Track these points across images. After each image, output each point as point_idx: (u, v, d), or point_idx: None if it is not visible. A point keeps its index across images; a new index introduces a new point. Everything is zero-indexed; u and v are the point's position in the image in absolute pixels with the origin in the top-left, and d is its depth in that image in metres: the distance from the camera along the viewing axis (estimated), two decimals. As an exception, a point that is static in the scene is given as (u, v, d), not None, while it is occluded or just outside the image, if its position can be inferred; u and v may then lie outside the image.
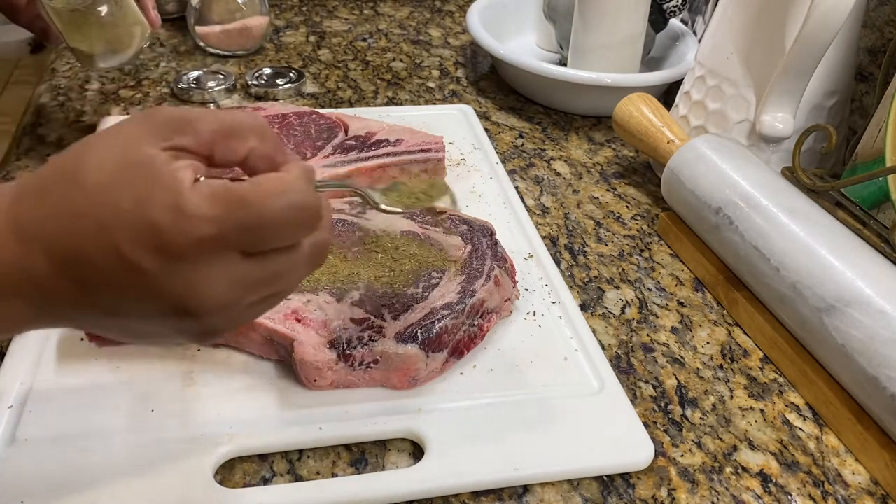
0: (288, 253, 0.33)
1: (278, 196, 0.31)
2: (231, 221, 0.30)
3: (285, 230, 0.32)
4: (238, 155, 0.33)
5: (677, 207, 0.62)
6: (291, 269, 0.34)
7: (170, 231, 0.30)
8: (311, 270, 0.35)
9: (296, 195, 0.32)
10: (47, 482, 0.40)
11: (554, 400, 0.46)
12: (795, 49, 0.55)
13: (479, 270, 0.51)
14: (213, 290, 0.31)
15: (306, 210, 0.32)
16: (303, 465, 0.43)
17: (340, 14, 1.06)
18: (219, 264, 0.31)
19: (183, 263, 0.30)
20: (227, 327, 0.34)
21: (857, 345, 0.45)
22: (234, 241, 0.31)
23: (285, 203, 0.31)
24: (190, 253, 0.30)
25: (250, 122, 0.34)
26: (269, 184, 0.32)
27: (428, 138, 0.67)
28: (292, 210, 0.32)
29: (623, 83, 0.76)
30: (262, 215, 0.31)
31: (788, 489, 0.44)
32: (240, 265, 0.32)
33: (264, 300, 0.34)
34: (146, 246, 0.30)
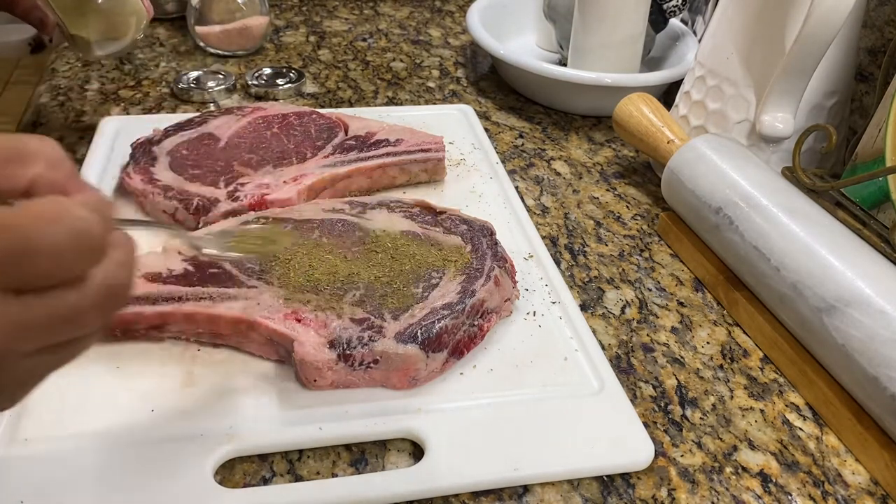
0: (70, 291, 0.27)
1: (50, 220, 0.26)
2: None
3: (58, 260, 0.26)
4: (20, 182, 0.28)
5: (677, 207, 0.62)
6: (78, 312, 0.28)
7: None
8: (106, 314, 0.29)
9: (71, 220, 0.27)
10: (47, 482, 0.40)
11: (554, 400, 0.46)
12: (795, 49, 0.55)
13: (479, 270, 0.51)
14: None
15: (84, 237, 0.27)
16: (303, 465, 0.43)
17: (340, 14, 1.06)
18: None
19: None
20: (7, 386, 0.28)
21: (857, 345, 0.45)
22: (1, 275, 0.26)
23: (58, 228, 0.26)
24: None
25: (38, 146, 0.29)
26: (39, 206, 0.26)
27: (428, 138, 0.67)
28: (66, 236, 0.26)
29: (623, 83, 0.76)
30: (29, 241, 0.25)
31: (788, 489, 0.44)
32: (11, 306, 0.26)
33: (54, 350, 0.28)
34: None
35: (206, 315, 0.47)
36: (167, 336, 0.49)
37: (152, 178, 0.59)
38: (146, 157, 0.62)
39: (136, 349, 0.48)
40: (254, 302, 0.47)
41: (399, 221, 0.55)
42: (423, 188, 0.66)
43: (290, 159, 0.63)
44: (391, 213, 0.56)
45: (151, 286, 0.48)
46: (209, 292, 0.48)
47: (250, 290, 0.48)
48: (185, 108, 0.79)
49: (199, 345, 0.49)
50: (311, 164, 0.63)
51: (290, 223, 0.55)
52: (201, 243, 0.39)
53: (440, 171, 0.66)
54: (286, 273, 0.50)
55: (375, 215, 0.56)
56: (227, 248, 0.41)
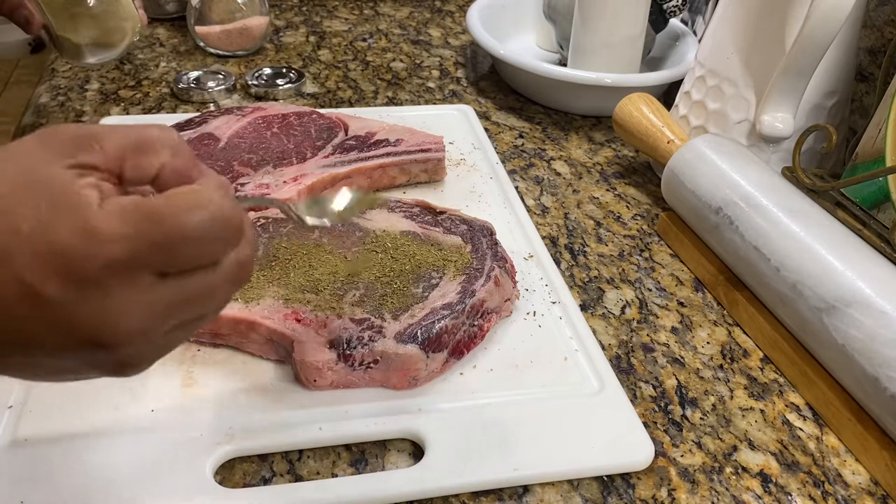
0: (208, 272, 0.30)
1: (194, 209, 0.29)
2: (144, 239, 0.28)
3: (203, 246, 0.29)
4: (149, 171, 0.31)
5: (677, 207, 0.62)
6: (213, 290, 0.31)
7: (77, 255, 0.27)
8: (236, 290, 0.32)
9: (213, 208, 0.29)
10: (47, 482, 0.40)
11: (554, 400, 0.46)
12: (795, 49, 0.55)
13: (479, 270, 0.51)
14: (128, 318, 0.28)
15: (225, 223, 0.30)
16: (303, 465, 0.43)
17: (340, 14, 1.06)
18: (133, 288, 0.28)
19: (93, 290, 0.27)
20: (147, 358, 0.31)
21: (857, 345, 0.45)
22: (149, 262, 0.28)
23: (202, 216, 0.29)
24: (101, 278, 0.27)
25: (162, 136, 0.31)
26: (182, 197, 0.29)
27: (428, 138, 0.67)
28: (210, 224, 0.29)
29: (623, 83, 0.76)
30: (178, 231, 0.28)
31: (788, 489, 0.44)
32: (156, 287, 0.29)
33: (186, 324, 0.31)
34: (51, 272, 0.27)
35: (206, 315, 0.47)
36: (167, 336, 0.49)
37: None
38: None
39: (136, 349, 0.48)
40: (254, 302, 0.47)
41: (399, 221, 0.55)
42: (423, 188, 0.66)
43: (290, 159, 0.63)
44: (391, 213, 0.56)
45: (151, 286, 0.48)
46: (209, 292, 0.48)
47: (250, 289, 0.48)
48: (185, 108, 0.79)
49: (199, 345, 0.49)
50: (311, 164, 0.63)
51: (290, 223, 0.55)
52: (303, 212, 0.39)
53: (440, 171, 0.66)
54: (286, 273, 0.50)
55: (375, 215, 0.56)
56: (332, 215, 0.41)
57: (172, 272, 0.29)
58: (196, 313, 0.31)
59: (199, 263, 0.30)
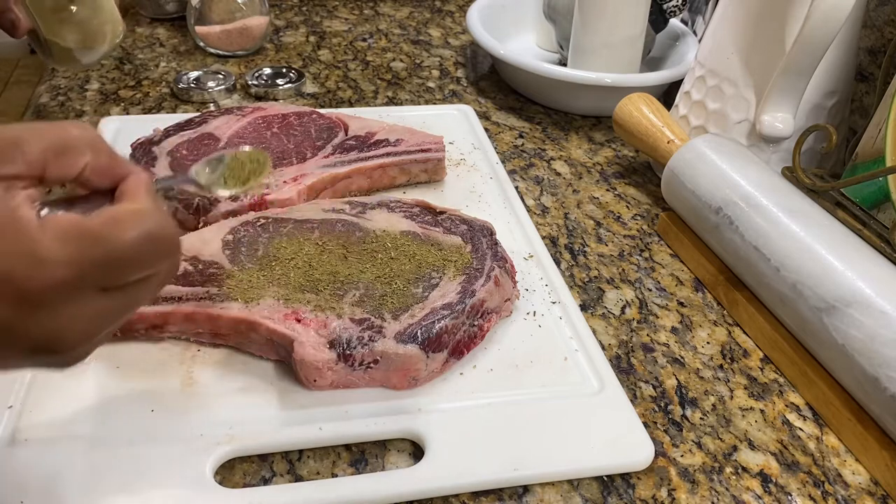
0: (148, 280, 0.32)
1: (134, 228, 0.30)
2: (87, 261, 0.29)
3: (143, 263, 0.31)
4: (72, 172, 0.32)
5: (677, 207, 0.62)
6: (149, 293, 0.33)
7: (25, 280, 0.28)
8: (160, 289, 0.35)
9: (152, 225, 0.30)
10: (47, 482, 0.40)
11: (554, 400, 0.46)
12: (795, 49, 0.55)
13: (479, 270, 0.51)
14: (75, 329, 0.30)
15: (165, 241, 0.31)
16: (303, 465, 0.43)
17: (340, 14, 1.06)
18: (78, 303, 0.30)
19: (41, 309, 0.29)
20: (90, 351, 0.33)
21: (857, 345, 0.45)
22: (92, 280, 0.30)
23: (142, 235, 0.30)
24: (47, 299, 0.29)
25: (81, 135, 0.32)
26: (122, 216, 0.30)
27: (428, 138, 0.67)
28: (151, 242, 0.30)
29: (623, 83, 0.76)
30: (119, 251, 0.29)
31: (788, 489, 0.44)
32: (98, 300, 0.30)
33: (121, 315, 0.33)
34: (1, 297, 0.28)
35: (206, 315, 0.47)
36: (167, 336, 0.49)
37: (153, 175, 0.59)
38: (146, 157, 0.62)
39: (136, 349, 0.48)
40: (254, 302, 0.47)
41: (399, 221, 0.55)
42: (423, 188, 0.66)
43: (290, 159, 0.63)
44: (391, 213, 0.56)
45: (151, 286, 0.48)
46: (209, 292, 0.48)
47: (250, 289, 0.48)
48: (185, 108, 0.79)
49: (199, 345, 0.49)
50: (311, 164, 0.63)
51: (290, 223, 0.55)
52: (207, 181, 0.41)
53: (440, 171, 0.66)
54: (286, 273, 0.50)
55: (375, 215, 0.56)
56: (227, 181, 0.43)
57: (111, 287, 0.30)
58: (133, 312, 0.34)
59: (139, 277, 0.31)
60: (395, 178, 0.65)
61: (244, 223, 0.55)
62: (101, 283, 0.30)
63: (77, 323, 0.30)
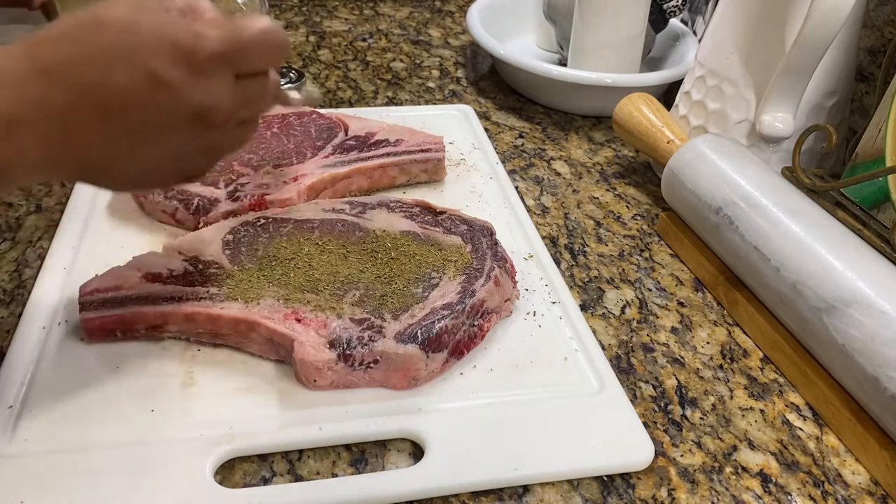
0: (263, 79, 0.41)
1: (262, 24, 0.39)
2: (231, 41, 0.37)
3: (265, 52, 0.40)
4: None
5: (677, 207, 0.62)
6: (264, 96, 0.42)
7: (191, 48, 0.36)
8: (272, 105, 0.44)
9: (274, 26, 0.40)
10: (47, 482, 0.40)
11: (554, 400, 0.46)
12: (795, 49, 0.55)
13: (479, 270, 0.51)
14: (221, 100, 0.38)
15: (279, 34, 0.40)
16: (303, 465, 0.43)
17: (340, 14, 1.06)
18: (223, 79, 0.38)
19: (201, 76, 0.36)
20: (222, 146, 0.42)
21: (857, 345, 0.45)
22: (233, 60, 0.38)
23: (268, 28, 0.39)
24: (205, 66, 0.36)
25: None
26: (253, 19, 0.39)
27: (428, 138, 0.67)
28: (272, 32, 0.39)
29: (623, 83, 0.76)
30: (253, 37, 0.38)
31: (788, 489, 0.44)
32: (235, 84, 0.39)
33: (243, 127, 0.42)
34: (173, 62, 0.35)
35: (206, 315, 0.47)
36: (167, 336, 0.49)
37: (152, 178, 0.59)
38: (146, 157, 0.62)
39: (136, 349, 0.48)
40: (254, 302, 0.47)
41: (399, 221, 0.55)
42: (423, 188, 0.66)
43: (290, 159, 0.63)
44: (391, 213, 0.56)
45: (151, 286, 0.48)
46: (209, 292, 0.48)
47: (250, 289, 0.48)
48: (185, 108, 0.79)
49: (199, 345, 0.49)
50: (311, 164, 0.63)
51: (290, 223, 0.55)
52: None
53: (440, 171, 0.66)
54: (286, 273, 0.50)
55: (375, 215, 0.56)
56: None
57: (243, 74, 0.39)
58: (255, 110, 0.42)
59: (259, 68, 0.40)
60: (395, 178, 0.65)
61: (244, 223, 0.55)
62: (237, 66, 0.38)
63: (222, 94, 0.38)
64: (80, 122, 0.35)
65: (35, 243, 0.59)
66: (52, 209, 0.62)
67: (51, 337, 0.48)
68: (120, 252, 0.56)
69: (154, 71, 0.35)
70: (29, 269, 0.56)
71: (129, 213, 0.60)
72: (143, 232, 0.59)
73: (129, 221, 0.60)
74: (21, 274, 0.56)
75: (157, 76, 0.35)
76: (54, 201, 0.63)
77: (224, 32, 0.37)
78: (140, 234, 0.58)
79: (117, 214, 0.60)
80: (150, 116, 0.37)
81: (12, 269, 0.56)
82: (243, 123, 0.42)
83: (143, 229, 0.59)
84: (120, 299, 0.48)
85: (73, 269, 0.54)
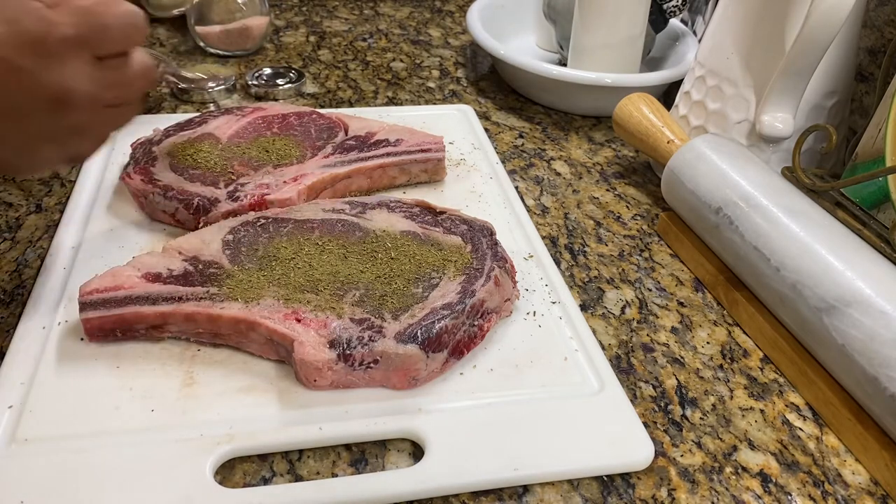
0: (125, 60, 0.43)
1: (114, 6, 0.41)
2: (85, 23, 0.39)
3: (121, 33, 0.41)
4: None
5: (677, 207, 0.62)
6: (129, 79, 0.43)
7: (40, 35, 0.38)
8: (144, 89, 0.46)
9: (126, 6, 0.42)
10: (47, 482, 0.40)
11: (554, 400, 0.46)
12: (795, 49, 0.55)
13: (479, 270, 0.51)
14: (78, 81, 0.40)
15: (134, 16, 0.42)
16: (303, 465, 0.43)
17: (340, 14, 1.06)
18: (79, 61, 0.40)
19: (52, 59, 0.39)
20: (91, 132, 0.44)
21: (857, 345, 0.45)
22: (87, 42, 0.40)
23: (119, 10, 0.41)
24: (57, 51, 0.39)
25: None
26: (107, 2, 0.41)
27: (428, 138, 0.67)
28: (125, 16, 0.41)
29: (623, 83, 0.76)
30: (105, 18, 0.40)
31: (788, 489, 0.44)
32: (94, 66, 0.41)
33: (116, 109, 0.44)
34: (23, 49, 0.38)
35: (206, 315, 0.47)
36: (167, 336, 0.49)
37: (152, 178, 0.59)
38: (146, 157, 0.62)
39: (136, 349, 0.48)
40: (254, 302, 0.47)
41: (399, 221, 0.55)
42: (423, 188, 0.66)
43: (290, 159, 0.63)
44: (391, 213, 0.56)
45: (151, 286, 0.48)
46: (209, 292, 0.48)
47: (250, 289, 0.48)
48: (185, 108, 0.79)
49: (199, 345, 0.49)
50: (311, 164, 0.63)
51: (290, 223, 0.55)
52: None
53: (440, 171, 0.66)
54: (286, 273, 0.50)
55: (375, 215, 0.56)
56: None
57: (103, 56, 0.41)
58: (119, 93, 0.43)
59: (119, 49, 0.42)
60: (395, 178, 0.65)
61: (244, 223, 0.55)
62: (95, 48, 0.40)
63: (79, 75, 0.40)
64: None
65: (35, 243, 0.59)
66: (52, 209, 0.62)
67: (51, 337, 0.48)
68: (120, 252, 0.56)
69: (8, 60, 0.38)
70: (29, 269, 0.56)
71: (129, 213, 0.60)
72: (143, 232, 0.59)
73: (129, 221, 0.60)
74: (21, 274, 0.56)
75: (8, 62, 0.38)
76: (54, 201, 0.63)
77: (77, 18, 0.39)
78: (140, 234, 0.58)
79: (117, 214, 0.60)
80: (10, 100, 0.39)
81: (12, 269, 0.56)
82: (116, 105, 0.44)
83: (143, 229, 0.59)
84: (120, 299, 0.48)
85: (73, 269, 0.54)
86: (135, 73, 0.44)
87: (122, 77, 0.43)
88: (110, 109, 0.44)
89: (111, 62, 0.42)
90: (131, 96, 0.45)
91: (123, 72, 0.43)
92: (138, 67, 0.44)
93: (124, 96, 0.44)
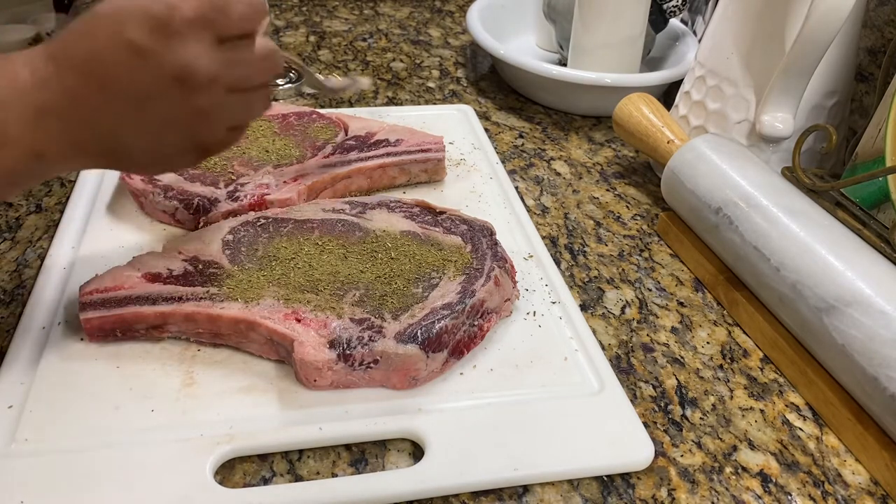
0: (248, 43, 0.43)
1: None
2: (207, 5, 0.40)
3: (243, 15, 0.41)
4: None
5: (677, 207, 0.62)
6: (252, 61, 0.43)
7: (163, 16, 0.38)
8: (267, 73, 0.45)
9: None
10: (47, 482, 0.40)
11: (554, 400, 0.46)
12: (795, 49, 0.55)
13: (479, 270, 0.51)
14: (200, 61, 0.40)
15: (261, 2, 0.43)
16: (303, 465, 0.43)
17: (340, 14, 1.06)
18: (201, 43, 0.40)
19: (175, 41, 0.39)
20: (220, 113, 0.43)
21: (857, 345, 0.45)
22: (210, 24, 0.40)
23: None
24: (180, 32, 0.39)
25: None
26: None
27: (428, 138, 0.67)
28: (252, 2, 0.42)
29: (623, 83, 0.76)
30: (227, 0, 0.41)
31: (788, 489, 0.44)
32: (216, 48, 0.41)
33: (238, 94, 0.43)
34: (147, 30, 0.38)
35: (206, 315, 0.47)
36: (167, 336, 0.49)
37: (152, 178, 0.59)
38: (146, 157, 0.62)
39: (136, 349, 0.48)
40: (254, 302, 0.47)
41: (399, 221, 0.55)
42: (423, 188, 0.66)
43: (290, 159, 0.63)
44: (391, 213, 0.56)
45: (151, 286, 0.48)
46: (209, 292, 0.48)
47: (250, 289, 0.48)
48: (185, 108, 0.79)
49: (199, 345, 0.49)
50: (311, 164, 0.63)
51: (290, 223, 0.55)
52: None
53: (440, 171, 0.66)
54: (286, 273, 0.50)
55: (375, 215, 0.56)
56: None
57: (225, 38, 0.41)
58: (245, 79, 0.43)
59: (240, 32, 0.42)
60: (395, 178, 0.65)
61: (244, 223, 0.55)
62: (216, 31, 0.40)
63: (201, 56, 0.40)
64: (84, 96, 0.39)
65: (35, 243, 0.59)
66: (52, 209, 0.62)
67: (51, 337, 0.48)
68: (120, 252, 0.56)
69: (131, 40, 0.38)
70: (29, 269, 0.56)
71: (129, 213, 0.60)
72: (143, 232, 0.59)
73: (129, 221, 0.60)
74: (21, 274, 0.56)
75: (134, 44, 0.38)
76: (54, 201, 0.63)
77: (198, 1, 0.40)
78: (140, 234, 0.58)
79: (117, 214, 0.60)
80: (137, 83, 0.39)
81: (12, 269, 0.56)
82: (242, 91, 0.43)
83: (143, 229, 0.59)
84: (120, 299, 0.48)
85: (73, 269, 0.54)
86: (257, 56, 0.44)
87: (243, 59, 0.43)
88: (235, 95, 0.43)
89: (233, 44, 0.42)
90: (255, 81, 0.44)
91: (245, 54, 0.43)
92: (260, 51, 0.44)
93: (247, 80, 0.43)
